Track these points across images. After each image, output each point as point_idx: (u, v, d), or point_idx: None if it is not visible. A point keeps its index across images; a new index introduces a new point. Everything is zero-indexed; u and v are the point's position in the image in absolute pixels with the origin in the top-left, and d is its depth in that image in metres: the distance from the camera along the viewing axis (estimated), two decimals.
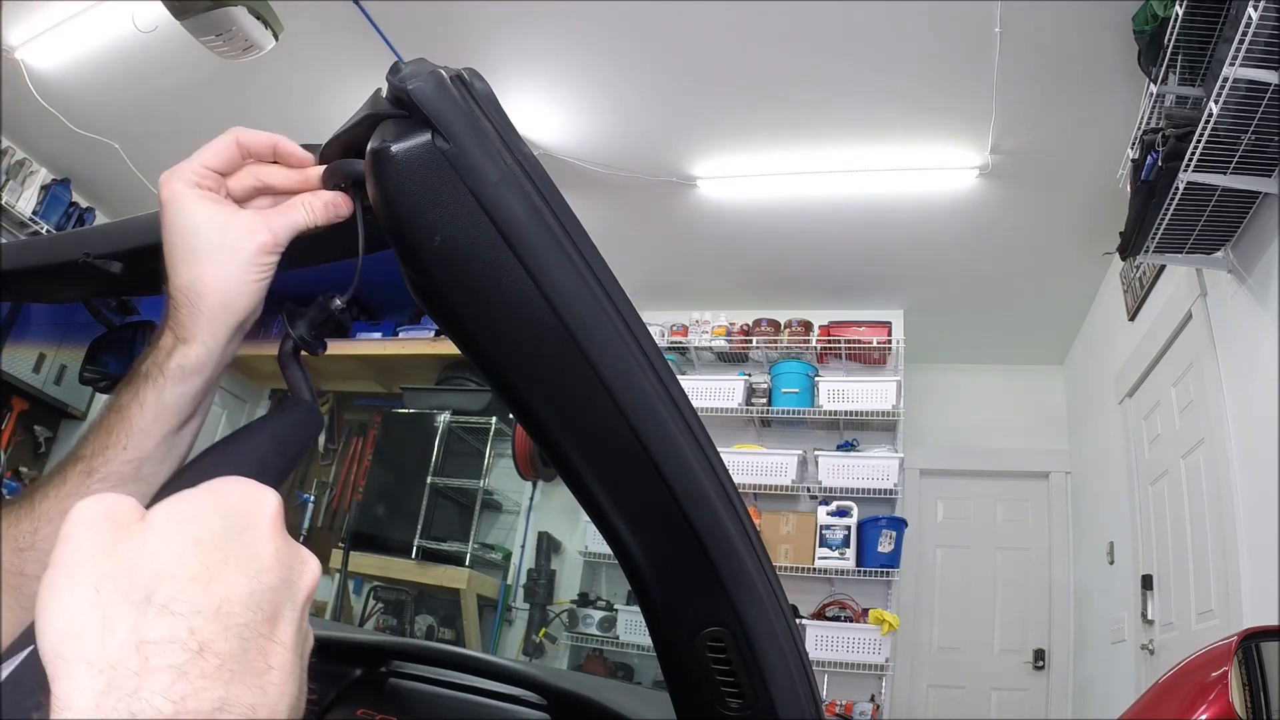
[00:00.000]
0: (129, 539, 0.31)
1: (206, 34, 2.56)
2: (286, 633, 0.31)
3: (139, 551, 0.30)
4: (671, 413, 0.54)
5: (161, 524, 0.31)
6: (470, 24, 3.07)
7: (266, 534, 0.33)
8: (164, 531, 0.31)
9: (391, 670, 1.01)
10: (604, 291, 0.50)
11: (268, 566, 0.32)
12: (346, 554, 3.99)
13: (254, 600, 0.30)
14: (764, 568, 0.62)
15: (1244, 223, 2.54)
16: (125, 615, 0.28)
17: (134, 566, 0.30)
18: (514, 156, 0.46)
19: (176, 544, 0.31)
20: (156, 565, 0.30)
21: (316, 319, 0.52)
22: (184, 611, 0.29)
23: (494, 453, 4.28)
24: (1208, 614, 2.81)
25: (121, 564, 0.30)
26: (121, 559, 0.30)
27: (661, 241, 4.33)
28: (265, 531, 0.33)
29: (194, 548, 0.31)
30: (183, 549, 0.31)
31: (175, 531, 0.31)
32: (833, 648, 3.92)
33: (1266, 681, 1.25)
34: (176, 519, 0.32)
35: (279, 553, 0.33)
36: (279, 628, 0.31)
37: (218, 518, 0.32)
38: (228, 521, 0.32)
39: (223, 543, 0.31)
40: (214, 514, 0.32)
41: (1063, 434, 4.86)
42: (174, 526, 0.31)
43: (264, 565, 0.32)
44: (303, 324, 0.52)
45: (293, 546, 0.34)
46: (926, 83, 3.09)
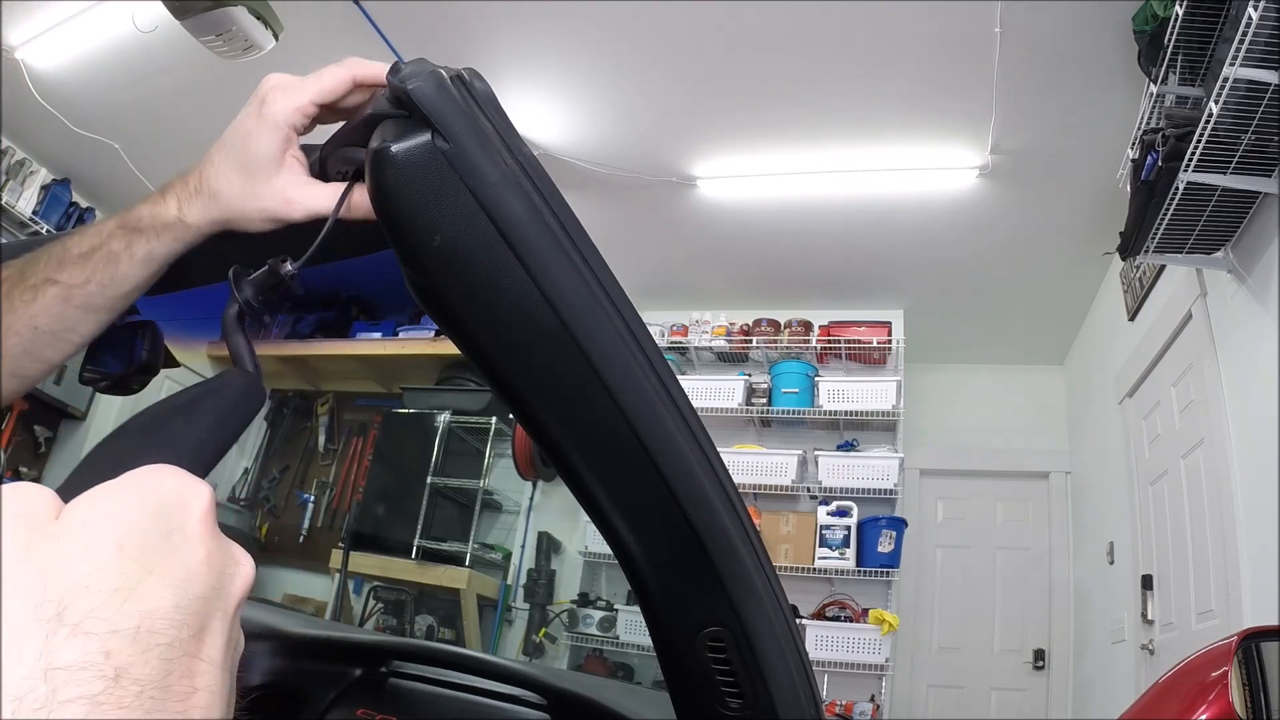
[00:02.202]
0: (44, 542, 0.26)
1: (206, 34, 2.56)
2: (215, 646, 0.28)
3: (53, 558, 0.26)
4: (671, 413, 0.54)
5: (80, 524, 0.27)
6: (470, 24, 3.07)
7: (197, 535, 0.29)
8: (82, 534, 0.27)
9: (391, 670, 1.01)
10: (604, 291, 0.50)
11: (196, 574, 0.28)
12: (346, 554, 3.99)
13: (180, 614, 0.27)
14: (764, 568, 0.62)
15: (1244, 223, 2.54)
16: (34, 637, 0.24)
17: (47, 576, 0.25)
18: (514, 156, 0.46)
19: (96, 549, 0.27)
20: (72, 575, 0.26)
21: (265, 283, 0.50)
22: (100, 631, 0.25)
23: (494, 453, 4.28)
24: (1208, 614, 2.81)
25: (34, 574, 0.25)
26: (33, 567, 0.26)
27: (661, 241, 4.33)
28: (195, 532, 0.29)
29: (116, 554, 0.27)
30: (103, 555, 0.27)
31: (95, 533, 0.27)
32: (833, 648, 3.92)
33: (1266, 681, 1.25)
34: (97, 518, 0.28)
35: (209, 557, 0.29)
36: (206, 642, 0.28)
37: (143, 517, 0.28)
38: (154, 521, 0.28)
39: (148, 547, 0.28)
40: (139, 512, 0.28)
41: (1063, 434, 4.86)
42: (94, 527, 0.27)
43: (193, 572, 0.28)
44: (249, 287, 0.50)
45: (225, 547, 0.30)
46: (926, 83, 3.09)
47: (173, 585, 0.27)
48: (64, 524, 0.27)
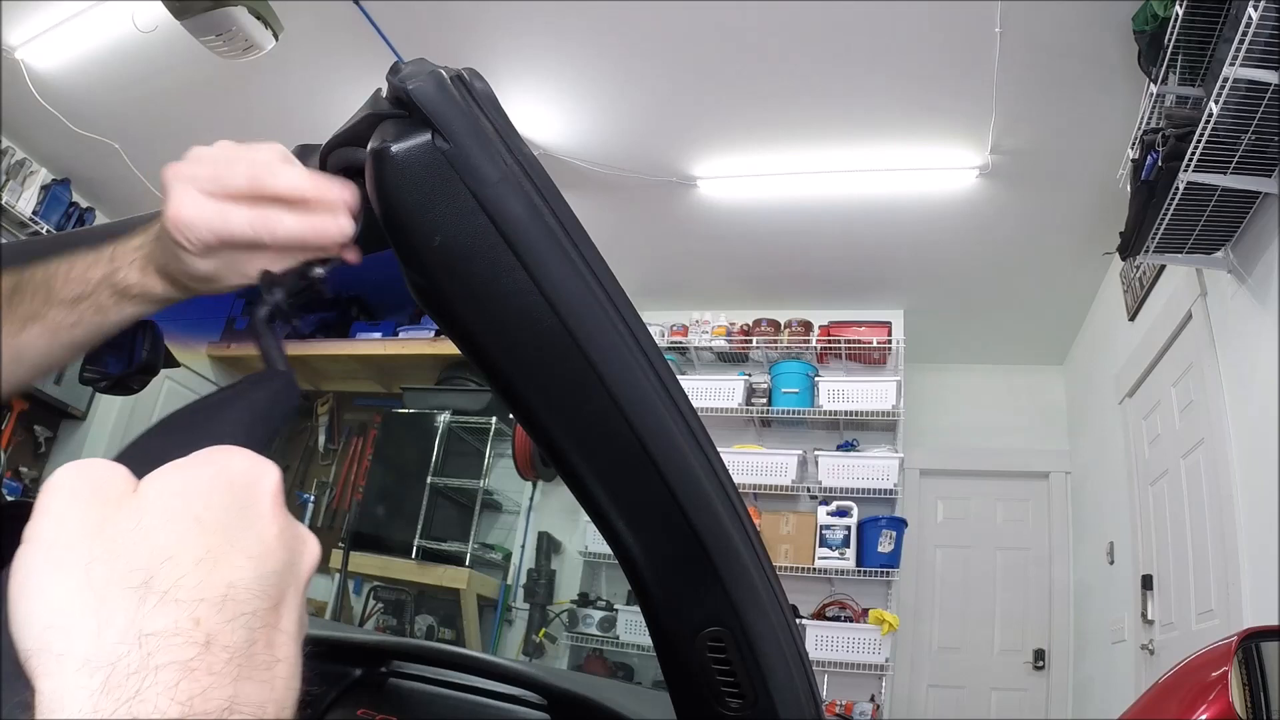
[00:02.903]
0: (121, 514, 0.27)
1: (206, 34, 2.56)
2: (291, 620, 0.29)
3: (134, 529, 0.27)
4: (671, 413, 0.54)
5: (157, 498, 0.28)
6: (470, 24, 3.07)
7: (269, 511, 0.30)
8: (161, 507, 0.28)
9: (391, 670, 1.01)
10: (604, 291, 0.50)
11: (272, 549, 0.29)
12: (346, 554, 3.99)
13: (260, 586, 0.28)
14: (764, 568, 0.62)
15: (1244, 223, 2.54)
16: (122, 604, 0.25)
17: (130, 547, 0.26)
18: (514, 156, 0.46)
19: (176, 522, 0.27)
20: (155, 546, 0.26)
21: (295, 286, 0.50)
22: (188, 599, 0.26)
23: (494, 453, 4.28)
24: (1208, 614, 2.81)
25: (115, 544, 0.26)
26: (114, 538, 0.26)
27: (661, 241, 4.33)
28: (267, 508, 0.30)
29: (196, 526, 0.28)
30: (184, 528, 0.27)
31: (173, 507, 0.28)
32: (833, 648, 3.92)
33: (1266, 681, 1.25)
34: (174, 492, 0.28)
35: (282, 533, 0.30)
36: (283, 615, 0.28)
37: (219, 493, 0.29)
38: (229, 497, 0.29)
39: (225, 521, 0.28)
40: (215, 488, 0.29)
41: (1063, 434, 4.86)
42: (172, 501, 0.28)
43: (268, 547, 0.29)
44: (279, 289, 0.50)
45: (293, 525, 0.31)
46: (926, 83, 3.09)
47: (252, 558, 0.28)
48: (141, 497, 0.28)
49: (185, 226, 0.48)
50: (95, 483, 0.28)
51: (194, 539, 0.27)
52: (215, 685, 0.25)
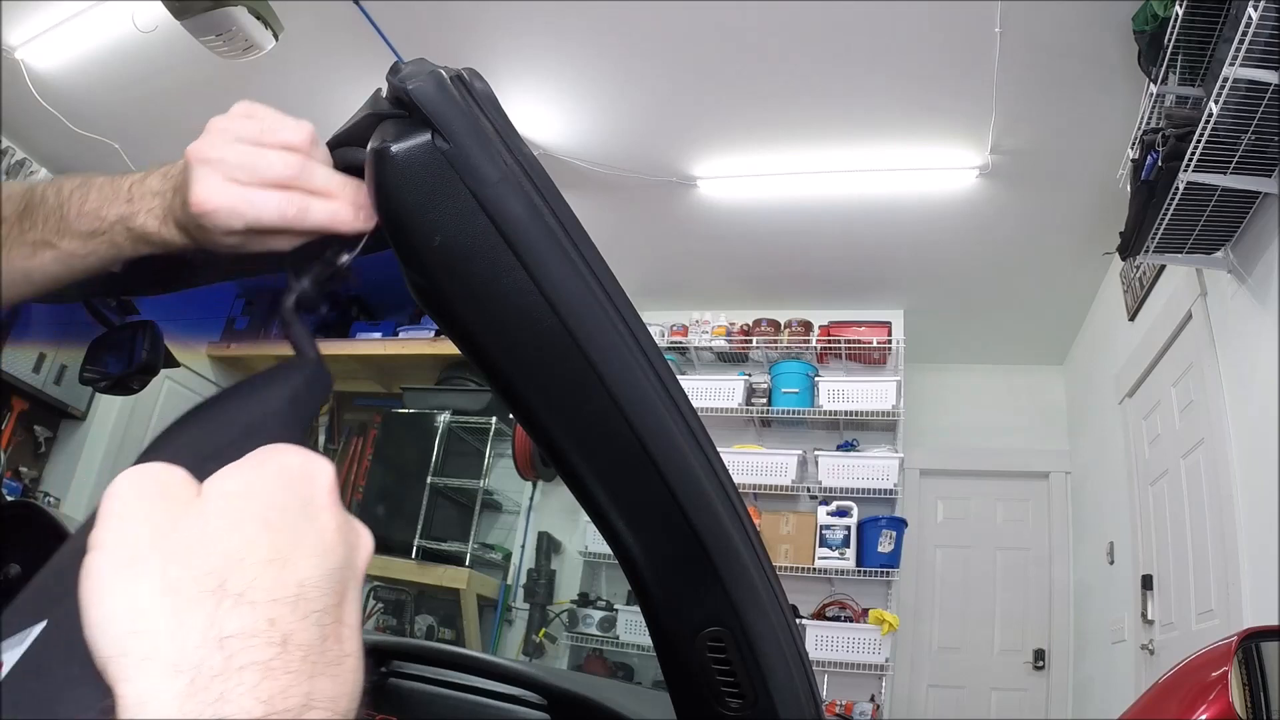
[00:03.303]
0: (188, 518, 0.28)
1: (206, 34, 2.56)
2: (353, 613, 0.29)
3: (205, 533, 0.27)
4: (671, 413, 0.54)
5: (223, 500, 0.29)
6: (470, 24, 3.07)
7: (326, 508, 0.30)
8: (228, 509, 0.28)
9: (391, 670, 1.01)
10: (604, 291, 0.50)
11: (333, 544, 0.30)
12: None
13: (327, 583, 0.28)
14: (764, 568, 0.62)
15: (1244, 223, 2.54)
16: (200, 608, 0.25)
17: (202, 550, 0.27)
18: (514, 156, 0.46)
19: (244, 524, 0.28)
20: (227, 549, 0.27)
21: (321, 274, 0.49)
22: (262, 600, 0.26)
23: (494, 453, 4.28)
24: (1208, 614, 2.81)
25: (187, 548, 0.27)
26: (186, 542, 0.27)
27: (661, 241, 4.33)
28: (324, 504, 0.31)
29: (263, 528, 0.28)
30: (252, 529, 0.28)
31: (239, 509, 0.28)
32: (833, 648, 3.93)
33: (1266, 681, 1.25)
34: (238, 494, 0.29)
35: (340, 528, 0.30)
36: (347, 609, 0.29)
37: (279, 492, 0.30)
38: (290, 496, 0.30)
39: (289, 521, 0.29)
40: (276, 488, 0.30)
41: (1063, 434, 4.86)
42: (237, 503, 0.29)
43: (330, 543, 0.29)
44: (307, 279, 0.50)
45: (350, 519, 0.31)
46: (926, 83, 3.09)
47: (317, 556, 0.29)
48: (206, 500, 0.29)
49: (211, 214, 0.47)
50: (158, 487, 0.28)
51: (262, 540, 0.28)
52: (293, 683, 0.25)
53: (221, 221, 0.47)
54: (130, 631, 0.25)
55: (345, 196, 0.48)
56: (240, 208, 0.47)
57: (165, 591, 0.25)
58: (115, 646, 0.25)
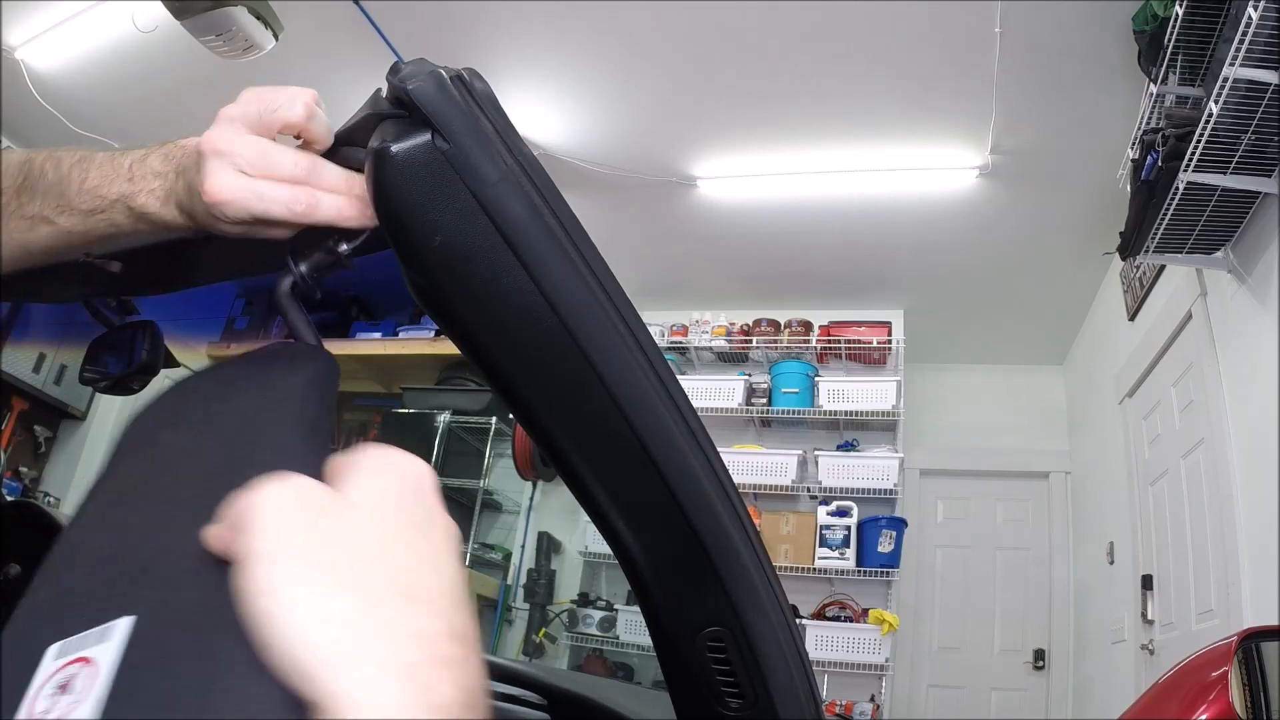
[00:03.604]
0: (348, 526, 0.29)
1: (206, 34, 2.56)
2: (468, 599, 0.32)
3: (371, 539, 0.29)
4: (671, 413, 0.54)
5: (371, 507, 0.30)
6: (470, 24, 3.07)
7: (439, 507, 0.33)
8: (380, 516, 0.30)
9: None
10: (604, 291, 0.50)
11: (456, 540, 0.32)
12: None
13: (462, 577, 0.31)
14: (764, 568, 0.62)
15: (1244, 223, 2.54)
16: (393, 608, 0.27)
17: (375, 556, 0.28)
18: (514, 156, 0.46)
19: (399, 529, 0.30)
20: (396, 554, 0.29)
21: (321, 261, 0.49)
22: (437, 599, 0.28)
23: (494, 453, 4.28)
24: (1208, 614, 2.81)
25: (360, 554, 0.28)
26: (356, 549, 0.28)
27: (661, 241, 4.33)
28: (437, 505, 0.33)
29: (417, 532, 0.30)
30: (411, 534, 0.30)
31: (389, 516, 0.30)
32: (833, 648, 3.93)
33: (1266, 681, 1.25)
34: (385, 502, 0.31)
35: (449, 524, 0.33)
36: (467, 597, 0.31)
37: (410, 496, 0.32)
38: (418, 499, 0.32)
39: (425, 522, 0.31)
40: (407, 492, 0.32)
41: (1063, 434, 4.86)
42: (384, 511, 0.30)
43: (455, 539, 0.32)
44: (305, 263, 0.50)
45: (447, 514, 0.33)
46: (926, 83, 3.09)
47: (453, 554, 0.31)
48: (354, 507, 0.30)
49: (223, 205, 0.47)
50: (305, 498, 0.29)
51: (421, 544, 0.30)
52: (474, 673, 0.28)
53: (231, 213, 0.48)
54: (334, 637, 0.26)
55: (353, 193, 0.48)
56: (250, 201, 0.47)
57: (359, 597, 0.27)
58: (319, 652, 0.25)
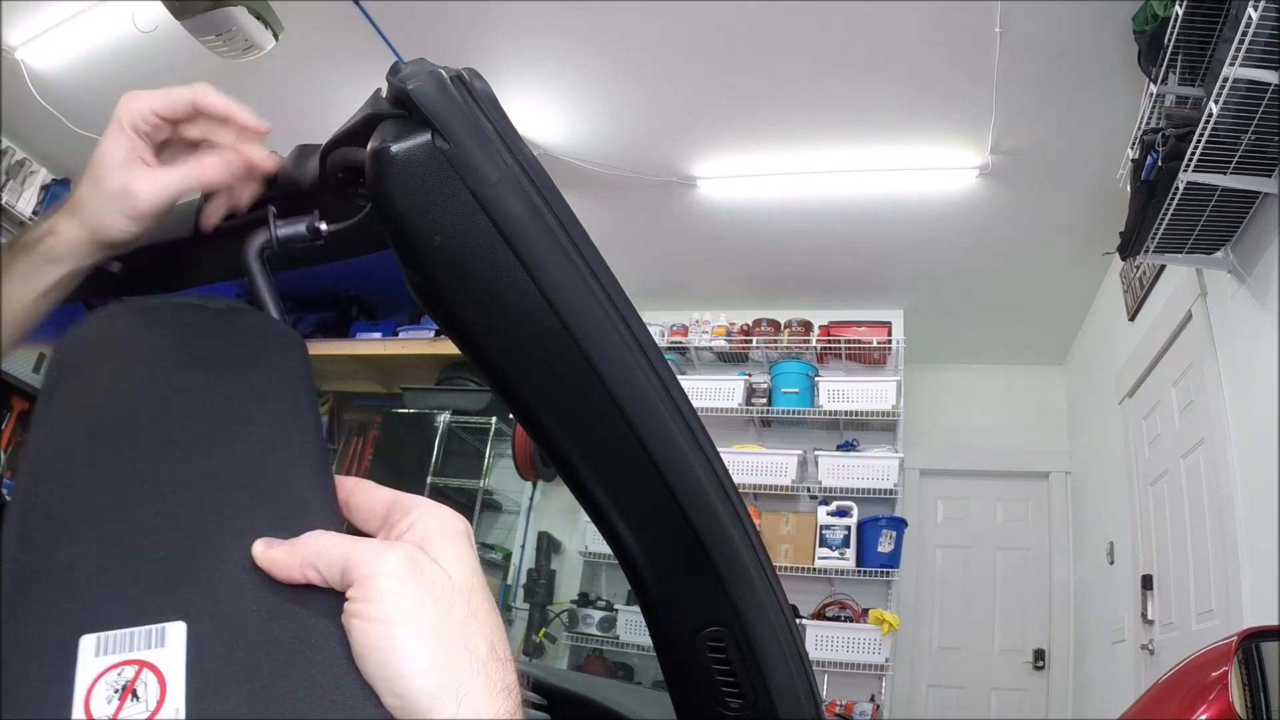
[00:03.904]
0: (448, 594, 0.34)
1: (206, 34, 2.56)
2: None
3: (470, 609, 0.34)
4: (671, 413, 0.54)
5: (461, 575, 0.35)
6: (470, 24, 3.07)
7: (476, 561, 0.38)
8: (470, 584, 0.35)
9: None
10: (604, 292, 0.50)
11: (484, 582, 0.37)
12: None
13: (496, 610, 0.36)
14: (764, 568, 0.62)
15: (1244, 223, 2.54)
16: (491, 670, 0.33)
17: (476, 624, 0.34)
18: (514, 156, 0.46)
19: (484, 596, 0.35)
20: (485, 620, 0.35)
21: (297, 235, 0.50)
22: (508, 657, 0.35)
23: (494, 453, 4.28)
24: (1208, 614, 2.81)
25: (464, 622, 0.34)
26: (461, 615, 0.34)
27: (661, 241, 4.33)
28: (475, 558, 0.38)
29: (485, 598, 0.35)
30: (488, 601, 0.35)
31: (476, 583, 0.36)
32: (833, 648, 3.93)
33: (1266, 681, 1.25)
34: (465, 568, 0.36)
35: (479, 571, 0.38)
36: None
37: (471, 551, 0.37)
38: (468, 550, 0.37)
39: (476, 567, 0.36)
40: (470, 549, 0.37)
41: (1063, 434, 4.86)
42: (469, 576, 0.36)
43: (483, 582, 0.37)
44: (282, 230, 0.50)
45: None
46: (926, 83, 3.09)
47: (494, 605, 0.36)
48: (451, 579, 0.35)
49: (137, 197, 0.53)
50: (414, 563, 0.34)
51: (489, 604, 0.35)
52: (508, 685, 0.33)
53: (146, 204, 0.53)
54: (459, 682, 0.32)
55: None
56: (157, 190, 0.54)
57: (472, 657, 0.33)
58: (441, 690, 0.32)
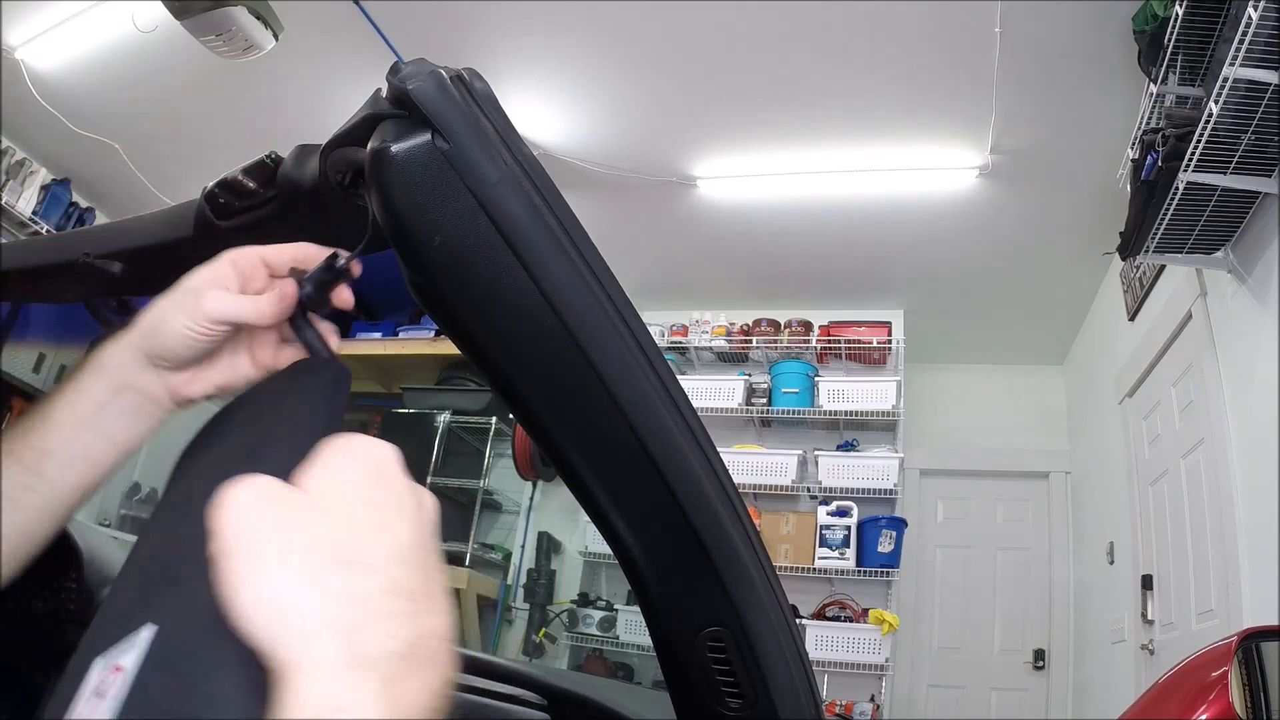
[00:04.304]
0: (300, 510, 0.33)
1: (206, 34, 2.56)
2: (436, 559, 0.35)
3: (319, 518, 0.33)
4: (671, 413, 0.54)
5: (323, 490, 0.34)
6: (470, 24, 3.07)
7: (401, 480, 0.36)
8: (331, 496, 0.34)
9: None
10: (604, 292, 0.50)
11: (413, 507, 0.36)
12: None
13: (419, 539, 0.35)
14: (764, 568, 0.62)
15: (1244, 223, 2.54)
16: (335, 576, 0.31)
17: (321, 533, 0.32)
18: (514, 156, 0.46)
19: (348, 504, 0.34)
20: (341, 527, 0.33)
21: (323, 279, 0.51)
22: (380, 562, 0.32)
23: (494, 453, 4.28)
24: (1208, 614, 2.81)
25: (308, 534, 0.32)
26: (305, 530, 0.32)
27: (661, 241, 4.33)
28: (399, 478, 0.36)
29: (363, 504, 0.34)
30: (355, 509, 0.34)
31: (340, 494, 0.34)
32: (833, 648, 3.92)
33: (1266, 681, 1.25)
34: (335, 483, 0.34)
35: (414, 493, 0.37)
36: (432, 556, 0.35)
37: (365, 474, 0.35)
38: (373, 476, 0.36)
39: (379, 496, 0.35)
40: (361, 472, 0.35)
41: (1063, 434, 4.86)
42: (335, 488, 0.34)
43: (411, 507, 0.36)
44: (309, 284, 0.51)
45: (415, 486, 0.37)
46: (926, 83, 3.09)
47: (405, 519, 0.35)
48: (310, 494, 0.34)
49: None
50: (261, 493, 0.33)
51: (365, 514, 0.34)
52: (417, 624, 0.32)
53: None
54: (285, 608, 0.30)
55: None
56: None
57: (303, 572, 0.31)
58: (271, 626, 0.30)
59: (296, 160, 0.56)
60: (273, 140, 0.62)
